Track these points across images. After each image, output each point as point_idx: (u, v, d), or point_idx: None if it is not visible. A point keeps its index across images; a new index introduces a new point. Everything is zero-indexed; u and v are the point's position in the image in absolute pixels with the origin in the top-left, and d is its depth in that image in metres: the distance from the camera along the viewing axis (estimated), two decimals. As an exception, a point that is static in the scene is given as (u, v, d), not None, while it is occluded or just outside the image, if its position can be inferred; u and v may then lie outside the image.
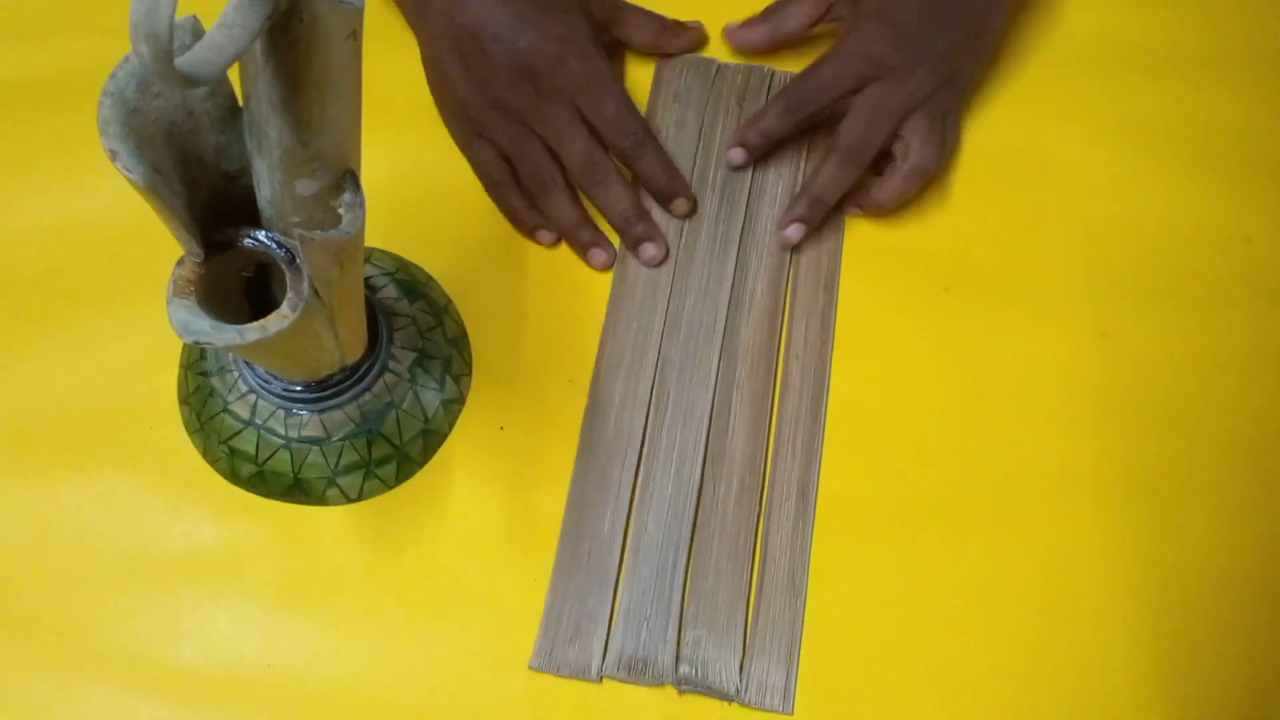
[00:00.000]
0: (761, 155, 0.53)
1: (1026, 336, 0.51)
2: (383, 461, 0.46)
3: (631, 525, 0.47)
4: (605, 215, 0.52)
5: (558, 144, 0.50)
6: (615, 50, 0.56)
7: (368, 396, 0.45)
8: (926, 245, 0.53)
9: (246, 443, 0.45)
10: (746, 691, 0.44)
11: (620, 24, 0.54)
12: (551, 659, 0.45)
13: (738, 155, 0.53)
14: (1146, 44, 0.57)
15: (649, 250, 0.51)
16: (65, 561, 0.45)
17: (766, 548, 0.47)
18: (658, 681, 0.45)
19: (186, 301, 0.31)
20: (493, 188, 0.52)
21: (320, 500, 0.47)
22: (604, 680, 0.45)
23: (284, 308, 0.32)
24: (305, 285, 0.32)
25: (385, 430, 0.46)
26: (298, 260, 0.33)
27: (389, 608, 0.45)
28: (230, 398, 0.45)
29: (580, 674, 0.45)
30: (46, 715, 0.43)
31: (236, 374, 0.45)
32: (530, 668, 0.44)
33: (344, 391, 0.44)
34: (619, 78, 0.51)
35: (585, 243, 0.51)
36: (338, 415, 0.45)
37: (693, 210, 0.52)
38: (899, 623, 0.46)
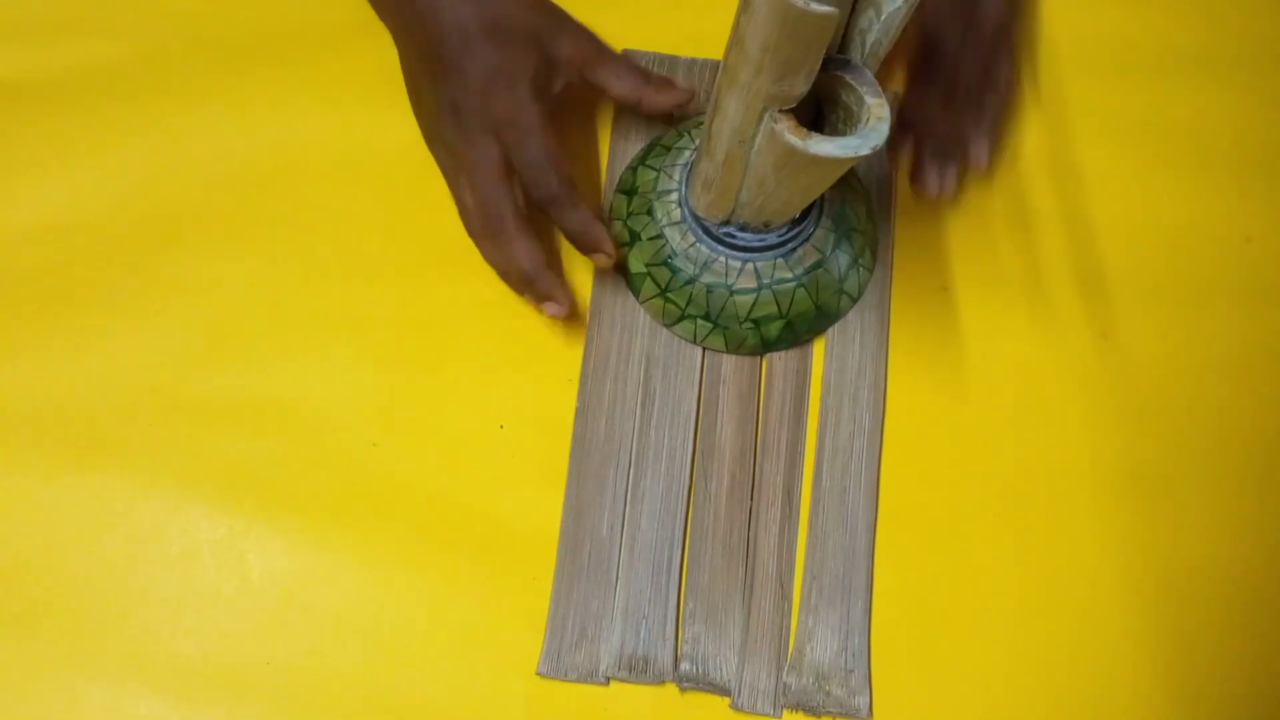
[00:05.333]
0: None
1: (1026, 336, 0.51)
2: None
3: (626, 524, 0.47)
4: (502, 274, 0.48)
5: (469, 182, 0.47)
6: (585, 95, 0.52)
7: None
8: (925, 244, 0.53)
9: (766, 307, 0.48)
10: (739, 695, 0.44)
11: (597, 69, 0.49)
12: (559, 664, 0.45)
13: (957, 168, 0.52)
14: (1146, 44, 0.57)
15: (550, 308, 0.47)
16: (65, 560, 0.46)
17: (755, 551, 0.47)
18: (659, 679, 0.45)
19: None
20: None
21: (838, 314, 0.50)
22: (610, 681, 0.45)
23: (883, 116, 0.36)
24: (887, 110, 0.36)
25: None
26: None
27: (388, 606, 0.45)
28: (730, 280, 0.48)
29: (587, 677, 0.45)
30: (46, 714, 0.43)
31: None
32: (539, 674, 0.45)
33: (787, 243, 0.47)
34: (554, 121, 0.46)
35: (537, 296, 0.47)
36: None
37: (614, 262, 0.47)
38: (894, 622, 0.46)
